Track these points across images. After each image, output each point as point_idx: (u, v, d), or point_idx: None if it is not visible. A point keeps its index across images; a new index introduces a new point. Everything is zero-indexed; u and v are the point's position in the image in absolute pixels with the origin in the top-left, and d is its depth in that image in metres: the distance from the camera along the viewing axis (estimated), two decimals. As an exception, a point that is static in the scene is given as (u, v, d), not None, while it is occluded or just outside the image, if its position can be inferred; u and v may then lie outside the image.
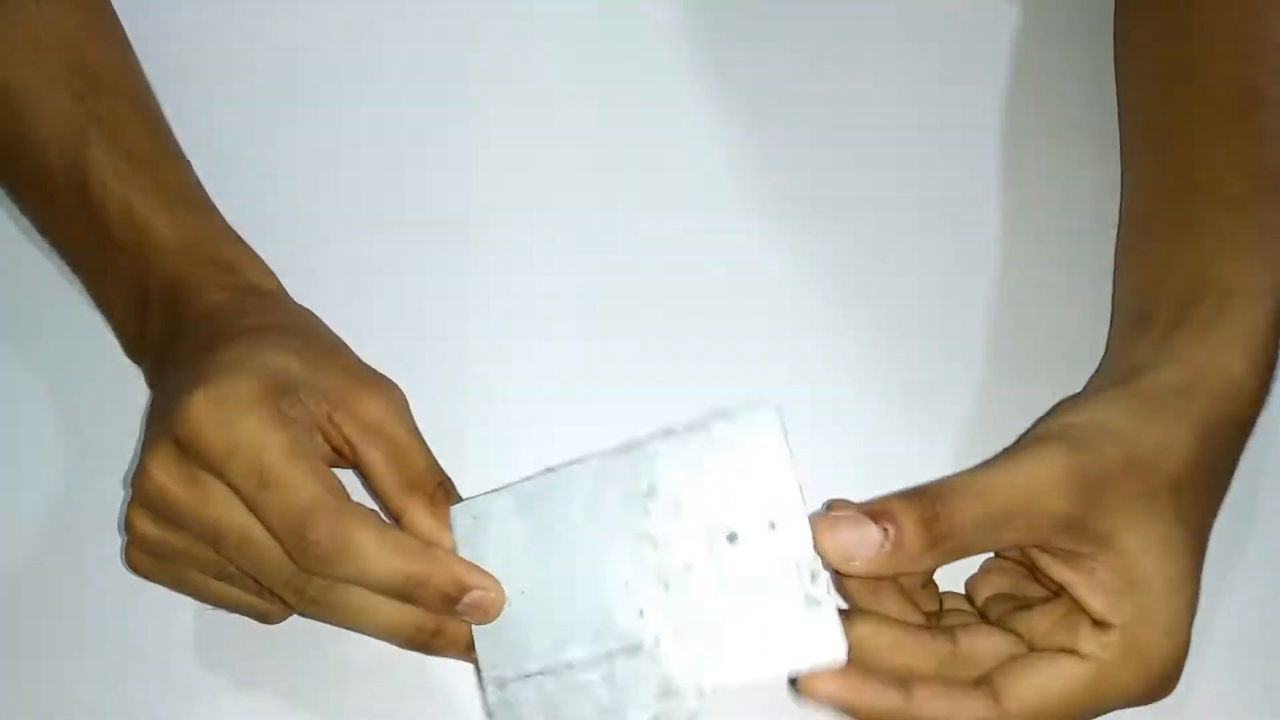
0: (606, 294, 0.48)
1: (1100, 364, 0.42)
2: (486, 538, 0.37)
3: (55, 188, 0.45)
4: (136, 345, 0.45)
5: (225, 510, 0.37)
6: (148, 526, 0.38)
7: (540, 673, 0.36)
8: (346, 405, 0.39)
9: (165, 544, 0.39)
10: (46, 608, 0.44)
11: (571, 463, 0.37)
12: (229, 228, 0.45)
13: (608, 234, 0.50)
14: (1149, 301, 0.41)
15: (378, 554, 0.36)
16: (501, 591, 0.37)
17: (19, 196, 0.47)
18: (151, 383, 0.45)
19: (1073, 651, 0.36)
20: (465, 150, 0.51)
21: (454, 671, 0.41)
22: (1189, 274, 0.41)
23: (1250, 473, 0.40)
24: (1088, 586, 0.36)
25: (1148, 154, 0.46)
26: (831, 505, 0.36)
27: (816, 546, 0.35)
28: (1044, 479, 0.35)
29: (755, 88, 0.53)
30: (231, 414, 0.37)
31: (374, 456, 0.39)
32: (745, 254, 0.49)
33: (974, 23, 0.54)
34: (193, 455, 0.37)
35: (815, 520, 0.35)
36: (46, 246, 0.48)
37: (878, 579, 0.37)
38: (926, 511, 0.35)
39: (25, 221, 0.48)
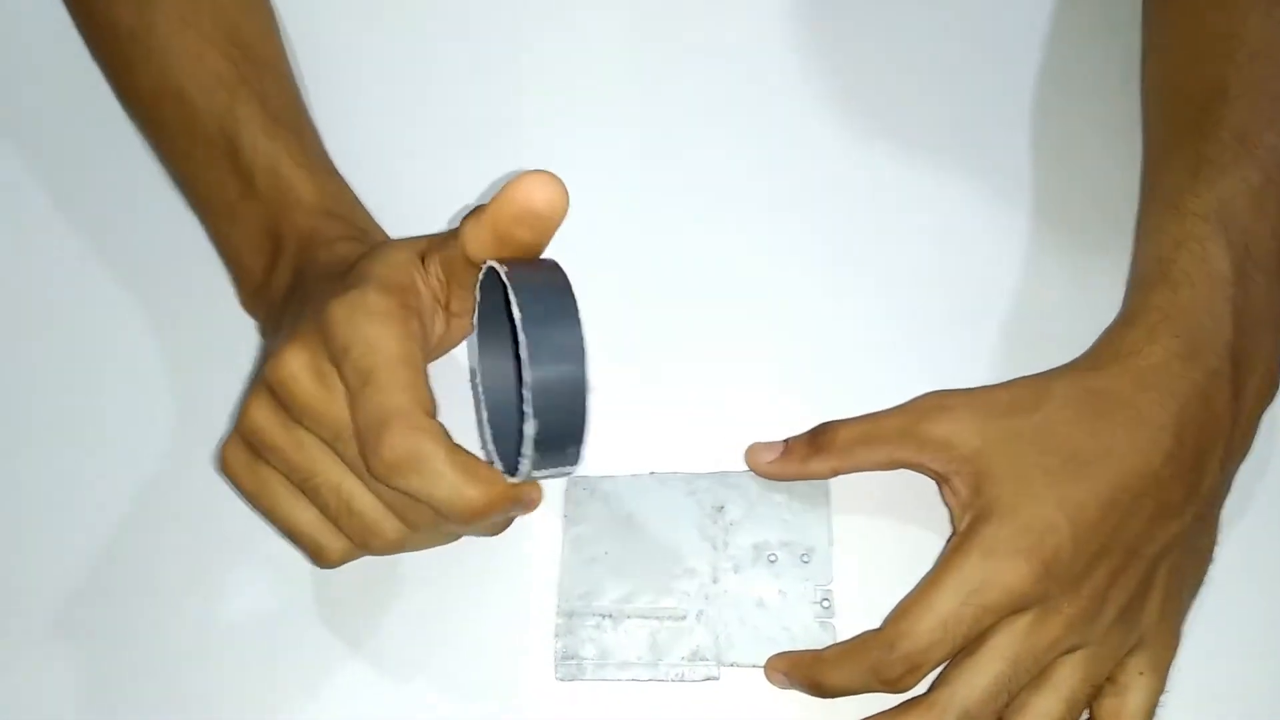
0: (641, 295, 0.52)
1: None
2: (591, 506, 0.48)
3: (202, 139, 0.49)
4: (256, 292, 0.48)
5: (342, 409, 0.39)
6: (262, 413, 0.41)
7: (603, 614, 0.46)
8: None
9: (269, 435, 0.41)
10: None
11: (670, 472, 0.48)
12: (356, 195, 0.49)
13: (642, 234, 0.53)
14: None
15: (445, 473, 0.38)
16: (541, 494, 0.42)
17: (164, 147, 0.52)
18: (267, 328, 0.48)
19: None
20: (509, 147, 0.55)
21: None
22: (1134, 264, 0.48)
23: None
24: (950, 488, 0.44)
25: (1145, 147, 0.51)
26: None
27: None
28: (919, 404, 0.45)
29: (790, 87, 0.56)
30: (358, 317, 0.39)
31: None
32: (779, 253, 0.52)
33: (1005, 18, 0.57)
34: (322, 351, 0.40)
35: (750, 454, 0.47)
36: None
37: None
38: (816, 429, 0.46)
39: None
